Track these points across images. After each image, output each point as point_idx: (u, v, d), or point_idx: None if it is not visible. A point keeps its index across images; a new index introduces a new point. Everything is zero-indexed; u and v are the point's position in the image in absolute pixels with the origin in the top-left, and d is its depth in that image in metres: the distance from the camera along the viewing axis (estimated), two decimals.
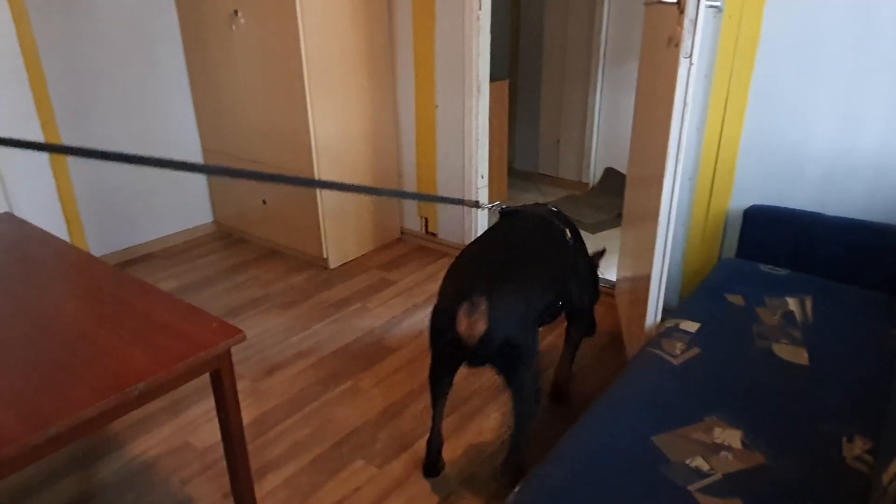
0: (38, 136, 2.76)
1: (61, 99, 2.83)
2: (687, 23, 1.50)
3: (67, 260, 1.78)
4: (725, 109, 2.13)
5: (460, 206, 3.10)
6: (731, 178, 2.20)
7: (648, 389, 1.45)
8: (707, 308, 1.79)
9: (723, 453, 1.24)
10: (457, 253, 3.18)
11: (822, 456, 1.23)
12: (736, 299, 1.82)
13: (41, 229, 2.00)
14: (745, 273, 1.98)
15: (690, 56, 1.52)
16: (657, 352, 1.59)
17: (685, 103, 1.58)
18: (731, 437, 1.28)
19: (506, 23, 4.21)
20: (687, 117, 1.59)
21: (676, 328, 1.69)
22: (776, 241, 2.07)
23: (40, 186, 2.82)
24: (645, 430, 1.29)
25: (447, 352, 1.56)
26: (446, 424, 1.96)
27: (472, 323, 1.43)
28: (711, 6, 1.78)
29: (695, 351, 1.57)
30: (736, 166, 2.17)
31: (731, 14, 2.02)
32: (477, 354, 1.53)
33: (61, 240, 1.92)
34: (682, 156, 1.64)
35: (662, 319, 1.86)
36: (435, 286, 2.89)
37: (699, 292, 1.89)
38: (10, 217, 2.12)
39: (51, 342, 1.31)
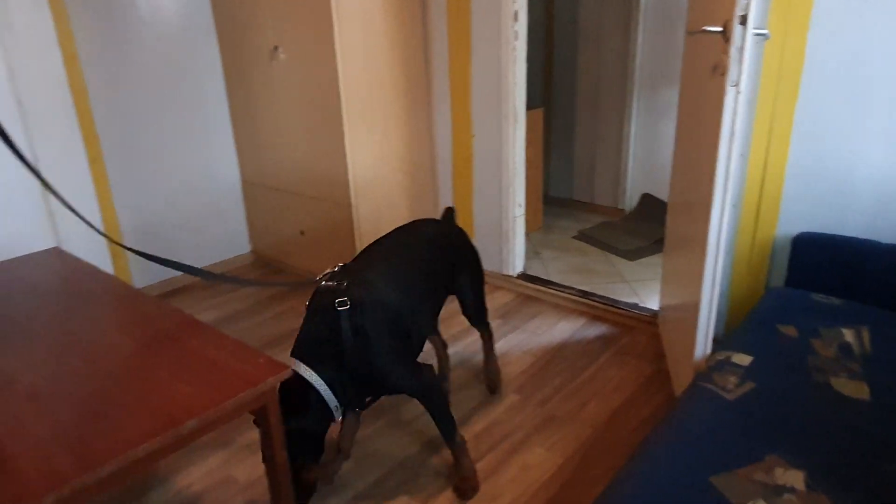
0: (85, 172, 2.85)
1: (108, 135, 2.92)
2: (733, 51, 1.48)
3: (115, 294, 1.81)
4: (770, 135, 2.09)
5: (498, 233, 3.09)
6: (778, 204, 2.15)
7: (703, 426, 1.40)
8: (759, 340, 1.73)
9: (786, 496, 1.18)
10: (494, 282, 3.13)
11: (890, 498, 1.17)
12: (788, 330, 1.76)
13: (89, 263, 2.04)
14: (797, 303, 1.91)
15: (738, 84, 1.49)
16: (709, 386, 1.54)
17: (732, 132, 1.55)
18: (794, 478, 1.23)
19: (539, 51, 4.23)
20: (735, 146, 1.56)
21: (728, 361, 1.63)
22: (827, 270, 2.01)
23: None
24: (702, 470, 1.24)
25: None
26: (489, 459, 1.93)
27: None
28: (758, 34, 1.76)
29: (749, 385, 1.52)
30: (782, 193, 2.12)
31: (773, 39, 1.99)
32: None
33: (109, 274, 1.96)
34: (730, 184, 1.61)
35: (712, 351, 1.81)
36: None
37: (749, 323, 1.84)
38: (59, 252, 2.17)
39: (102, 377, 1.33)
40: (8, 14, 2.49)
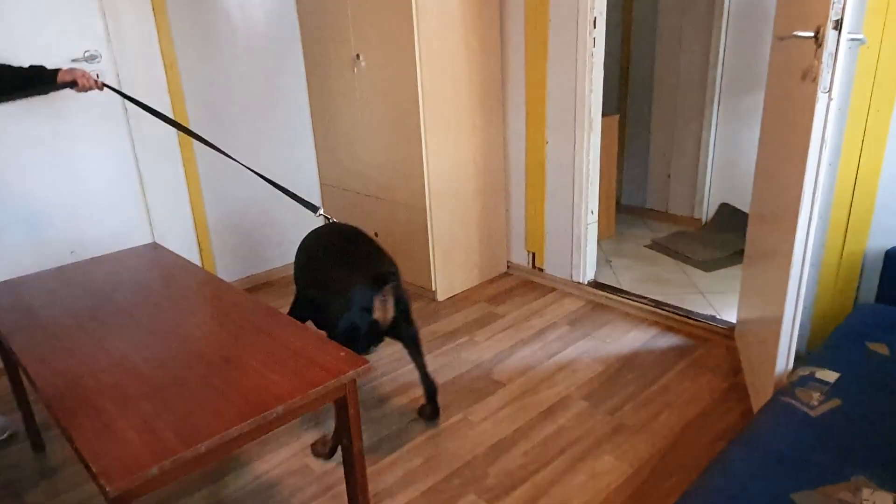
0: (179, 172, 3.04)
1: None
2: (826, 57, 1.44)
3: (208, 286, 1.93)
4: (863, 145, 2.00)
5: (569, 240, 3.08)
6: (870, 217, 2.05)
7: (783, 442, 1.36)
8: (846, 356, 1.66)
9: None
10: (564, 288, 3.12)
11: None
12: (879, 348, 1.68)
13: (184, 258, 2.18)
14: (889, 320, 1.83)
15: (829, 91, 1.45)
16: (791, 401, 1.49)
17: (823, 140, 1.51)
18: (882, 500, 1.18)
19: (615, 57, 4.19)
20: (825, 154, 1.51)
21: (812, 377, 1.58)
22: None
23: (180, 219, 3.09)
24: (783, 486, 1.21)
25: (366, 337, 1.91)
26: (557, 464, 1.93)
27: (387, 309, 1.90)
28: (854, 39, 1.70)
29: (835, 402, 1.47)
30: (875, 205, 2.03)
31: (869, 44, 1.91)
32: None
33: (202, 268, 2.09)
34: (818, 194, 1.56)
35: (794, 367, 1.75)
36: (542, 321, 2.87)
37: (836, 339, 1.77)
38: (156, 247, 2.33)
39: (199, 361, 1.43)
40: (118, 25, 2.70)
